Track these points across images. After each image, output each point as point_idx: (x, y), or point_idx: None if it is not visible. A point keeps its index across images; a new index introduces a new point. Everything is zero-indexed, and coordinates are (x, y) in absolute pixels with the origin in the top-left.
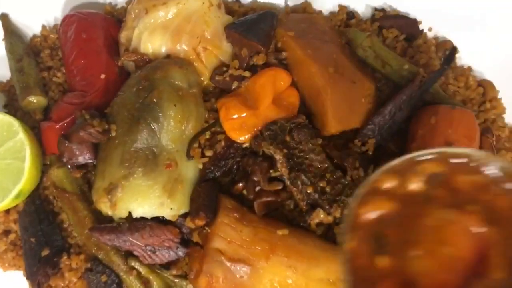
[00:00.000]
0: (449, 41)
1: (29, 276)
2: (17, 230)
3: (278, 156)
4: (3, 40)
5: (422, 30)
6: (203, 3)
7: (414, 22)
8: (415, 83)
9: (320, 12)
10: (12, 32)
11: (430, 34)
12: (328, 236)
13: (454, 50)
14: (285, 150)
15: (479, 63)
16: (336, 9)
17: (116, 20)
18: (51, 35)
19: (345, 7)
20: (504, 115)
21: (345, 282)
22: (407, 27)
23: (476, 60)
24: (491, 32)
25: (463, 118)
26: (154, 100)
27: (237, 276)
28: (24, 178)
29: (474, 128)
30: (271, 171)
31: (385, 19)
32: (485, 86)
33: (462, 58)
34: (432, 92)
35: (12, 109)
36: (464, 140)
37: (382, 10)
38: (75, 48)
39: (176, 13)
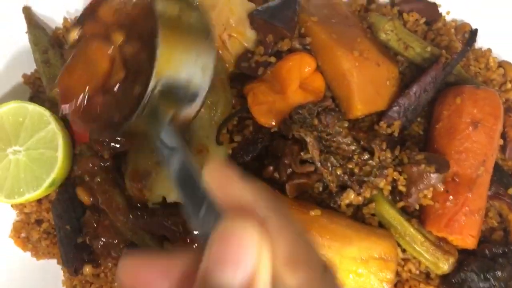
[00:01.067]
0: (468, 24)
1: (66, 263)
2: (50, 218)
3: (309, 139)
4: (26, 32)
5: (441, 13)
6: None
7: (434, 6)
8: (439, 64)
9: None
10: (36, 25)
11: (448, 18)
12: (357, 216)
13: (475, 31)
14: (315, 133)
15: (497, 45)
16: None
17: None
18: None
19: None
20: None
21: None
22: (426, 10)
23: (493, 43)
24: (507, 13)
25: (488, 97)
26: None
27: None
28: (57, 167)
29: (498, 106)
30: (301, 153)
31: (405, 3)
32: (505, 67)
33: (478, 41)
34: (454, 73)
35: (38, 101)
36: (490, 118)
37: None
38: None
39: (201, 0)
